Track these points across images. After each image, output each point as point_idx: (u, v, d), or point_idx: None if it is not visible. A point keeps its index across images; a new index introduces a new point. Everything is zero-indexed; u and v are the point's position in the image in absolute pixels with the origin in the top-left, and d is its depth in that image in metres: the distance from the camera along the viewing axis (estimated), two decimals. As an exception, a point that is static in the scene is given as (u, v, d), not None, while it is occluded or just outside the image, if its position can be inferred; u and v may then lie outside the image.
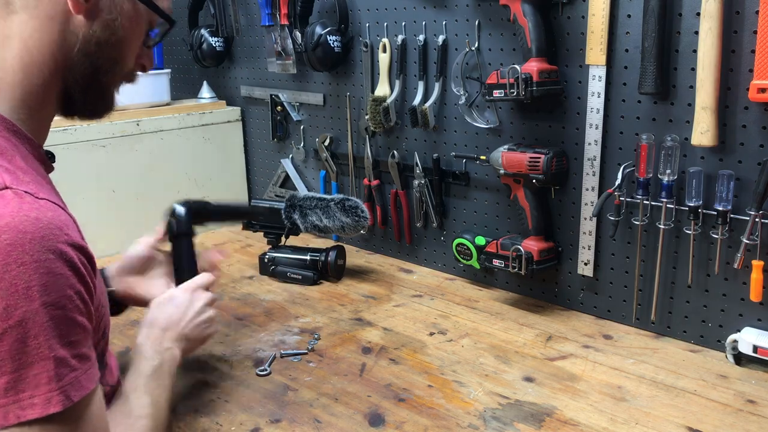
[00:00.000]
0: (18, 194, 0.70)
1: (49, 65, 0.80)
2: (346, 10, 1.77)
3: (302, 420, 1.10)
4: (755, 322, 1.25)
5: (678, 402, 1.14)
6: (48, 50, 0.79)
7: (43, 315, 0.68)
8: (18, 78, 0.78)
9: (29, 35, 0.78)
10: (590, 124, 1.38)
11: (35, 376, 0.68)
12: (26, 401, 0.68)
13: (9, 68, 0.78)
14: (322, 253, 1.72)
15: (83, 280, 0.73)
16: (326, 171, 2.00)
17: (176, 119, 2.07)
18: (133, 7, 0.84)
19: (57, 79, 0.82)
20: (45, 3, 0.78)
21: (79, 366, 0.72)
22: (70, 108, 0.87)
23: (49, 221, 0.70)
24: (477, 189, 1.64)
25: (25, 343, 0.67)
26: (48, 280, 0.68)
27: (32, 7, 0.77)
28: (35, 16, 0.78)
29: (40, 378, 0.68)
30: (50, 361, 0.69)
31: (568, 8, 1.37)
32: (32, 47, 0.78)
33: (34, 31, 0.78)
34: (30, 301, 0.67)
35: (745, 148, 1.20)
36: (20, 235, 0.67)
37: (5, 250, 0.66)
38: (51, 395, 0.69)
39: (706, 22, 1.16)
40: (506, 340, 1.37)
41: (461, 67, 1.56)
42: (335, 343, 1.37)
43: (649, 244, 1.35)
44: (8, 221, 0.67)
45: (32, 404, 0.68)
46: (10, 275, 0.66)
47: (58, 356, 0.69)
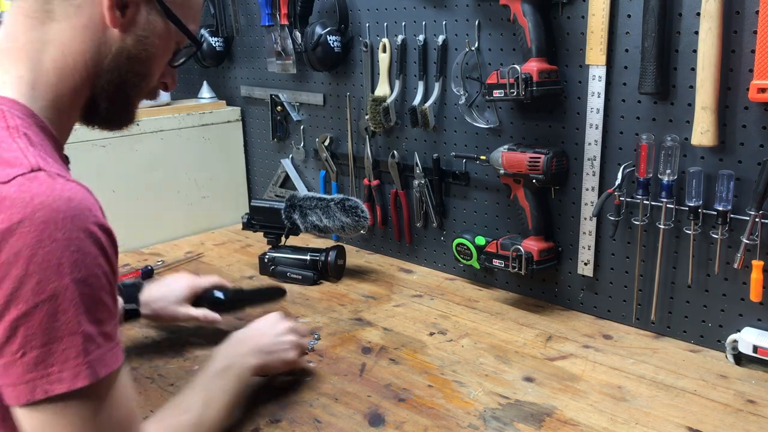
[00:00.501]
0: (51, 176, 0.72)
1: (81, 72, 0.84)
2: (346, 10, 1.77)
3: (302, 420, 1.10)
4: (755, 322, 1.25)
5: (678, 402, 1.14)
6: (81, 58, 0.83)
7: (73, 291, 0.70)
8: (52, 80, 0.82)
9: (66, 42, 0.82)
10: (590, 124, 1.38)
11: (64, 350, 0.70)
12: (54, 375, 0.70)
13: (45, 71, 0.82)
14: (322, 253, 1.72)
15: (109, 260, 0.76)
16: (326, 171, 2.00)
17: (176, 119, 2.07)
18: (165, 26, 0.88)
19: (86, 87, 0.86)
20: (84, 14, 0.82)
21: (104, 343, 0.74)
22: (92, 116, 0.90)
23: (80, 201, 0.72)
24: (477, 189, 1.64)
25: (55, 317, 0.69)
26: (78, 257, 0.71)
27: (71, 17, 0.82)
28: (73, 25, 0.82)
29: (69, 353, 0.70)
30: (78, 336, 0.71)
31: (568, 8, 1.37)
32: (68, 54, 0.82)
33: (71, 39, 0.82)
34: (61, 277, 0.69)
35: (745, 148, 1.20)
36: (53, 213, 0.69)
37: (39, 227, 0.68)
38: (79, 369, 0.71)
39: (706, 22, 1.16)
40: (506, 340, 1.37)
41: (461, 67, 1.56)
42: (335, 343, 1.37)
43: (649, 244, 1.35)
44: (43, 200, 0.69)
45: (60, 378, 0.70)
46: (43, 251, 0.68)
47: (86, 332, 0.72)
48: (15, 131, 0.75)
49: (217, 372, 1.03)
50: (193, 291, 1.34)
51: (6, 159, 0.72)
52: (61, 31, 0.82)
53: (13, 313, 0.69)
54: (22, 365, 0.70)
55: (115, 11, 0.82)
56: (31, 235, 0.68)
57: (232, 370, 1.05)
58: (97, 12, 0.82)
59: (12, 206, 0.69)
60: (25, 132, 0.76)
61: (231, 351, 1.09)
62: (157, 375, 1.25)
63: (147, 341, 1.38)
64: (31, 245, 0.68)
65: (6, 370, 0.71)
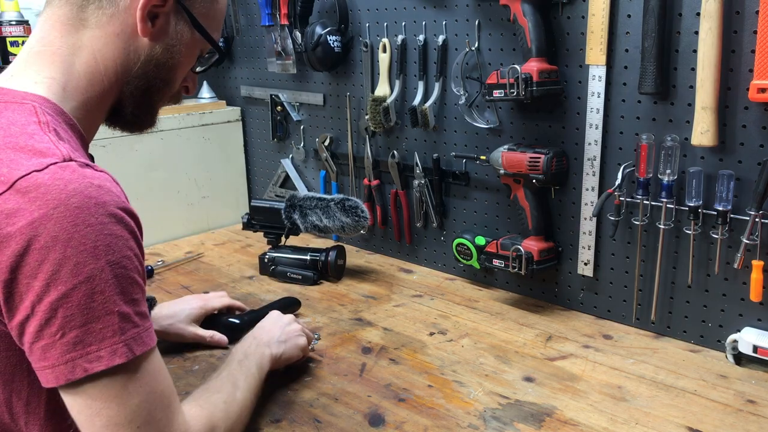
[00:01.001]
0: (81, 165, 0.76)
1: (110, 77, 0.88)
2: (346, 10, 1.77)
3: (302, 420, 1.10)
4: (755, 322, 1.25)
5: (678, 402, 1.14)
6: (112, 64, 0.88)
7: (108, 272, 0.73)
8: (83, 84, 0.87)
9: (98, 48, 0.87)
10: (590, 124, 1.38)
11: (101, 330, 0.73)
12: (93, 354, 0.73)
13: (76, 74, 0.86)
14: (322, 253, 1.72)
15: (138, 242, 0.79)
16: (326, 171, 2.00)
17: (176, 119, 2.07)
18: (192, 35, 0.92)
19: (114, 91, 0.90)
20: (116, 23, 0.86)
21: (140, 323, 0.77)
22: (116, 118, 0.95)
23: (109, 189, 0.76)
24: (477, 189, 1.64)
25: (92, 298, 0.72)
26: (111, 240, 0.74)
27: (104, 25, 0.86)
28: (106, 33, 0.86)
29: (106, 332, 0.73)
30: (115, 316, 0.74)
31: (568, 8, 1.37)
32: (99, 59, 0.87)
33: (104, 45, 0.87)
34: (96, 259, 0.72)
35: (745, 148, 1.20)
36: (86, 199, 0.73)
37: (74, 213, 0.71)
38: (116, 347, 0.74)
39: (706, 22, 1.16)
40: (506, 340, 1.37)
41: (461, 67, 1.56)
42: (335, 343, 1.37)
43: (649, 244, 1.35)
44: (75, 186, 0.73)
45: (99, 357, 0.73)
46: (79, 234, 0.71)
47: (122, 311, 0.74)
48: (46, 126, 0.78)
49: (239, 361, 1.08)
50: (204, 311, 1.38)
51: (39, 149, 0.75)
52: (94, 38, 0.86)
53: (53, 295, 0.71)
54: (62, 346, 0.72)
55: (146, 22, 0.86)
56: (67, 220, 0.71)
57: (251, 358, 1.10)
58: (129, 21, 0.86)
59: (47, 193, 0.71)
60: (54, 128, 0.79)
61: (246, 345, 1.14)
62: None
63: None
64: (67, 229, 0.71)
65: (45, 352, 0.73)
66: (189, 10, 0.90)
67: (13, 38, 1.90)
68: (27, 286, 0.71)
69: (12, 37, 1.90)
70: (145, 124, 0.98)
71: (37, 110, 0.80)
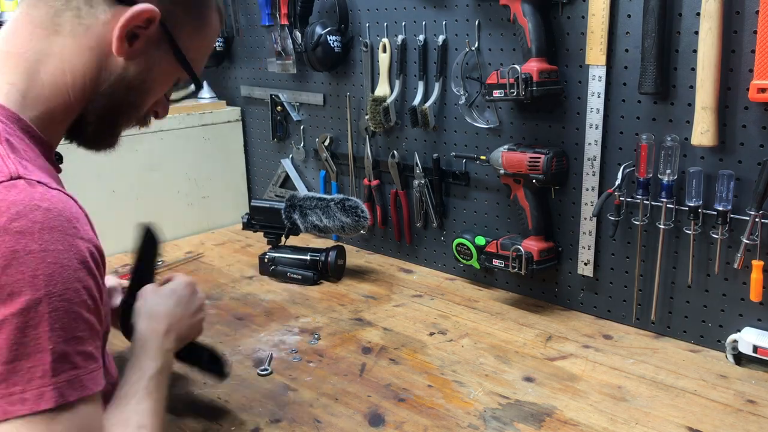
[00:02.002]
0: (31, 184, 0.70)
1: (76, 91, 0.82)
2: (346, 10, 1.77)
3: (302, 420, 1.10)
4: (755, 322, 1.25)
5: (678, 402, 1.14)
6: (80, 78, 0.82)
7: (46, 305, 0.66)
8: (45, 93, 0.81)
9: (68, 59, 0.81)
10: (590, 124, 1.38)
11: (29, 369, 0.66)
12: (16, 396, 0.66)
13: (39, 82, 0.80)
14: (322, 253, 1.72)
15: (93, 275, 0.72)
16: (326, 171, 2.00)
17: (176, 119, 2.07)
18: (170, 63, 0.86)
19: (78, 106, 0.84)
20: (92, 35, 0.80)
21: (82, 364, 0.70)
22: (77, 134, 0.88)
23: (60, 212, 0.70)
24: (477, 189, 1.64)
25: (24, 333, 0.66)
26: (55, 270, 0.67)
27: (79, 35, 0.80)
28: (79, 44, 0.80)
29: (35, 371, 0.66)
30: (47, 354, 0.66)
31: (568, 8, 1.37)
32: (67, 70, 0.81)
33: (74, 56, 0.81)
34: (35, 290, 0.66)
35: (745, 148, 1.20)
36: (30, 224, 0.67)
37: (15, 238, 0.66)
38: (43, 390, 0.66)
39: (706, 22, 1.16)
40: (506, 340, 1.37)
41: (461, 67, 1.56)
42: (335, 343, 1.37)
43: (649, 244, 1.35)
44: (20, 209, 0.67)
45: (23, 399, 0.66)
46: (17, 262, 0.65)
47: (57, 350, 0.67)
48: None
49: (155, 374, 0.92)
50: None
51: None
52: (65, 47, 0.81)
53: None
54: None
55: (123, 41, 0.81)
56: (5, 245, 0.65)
57: (164, 371, 0.94)
58: (106, 37, 0.81)
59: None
60: (7, 138, 0.74)
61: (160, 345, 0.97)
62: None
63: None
64: (4, 256, 0.65)
65: None
66: (174, 39, 0.85)
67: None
68: None
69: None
70: (104, 143, 0.91)
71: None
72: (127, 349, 0.98)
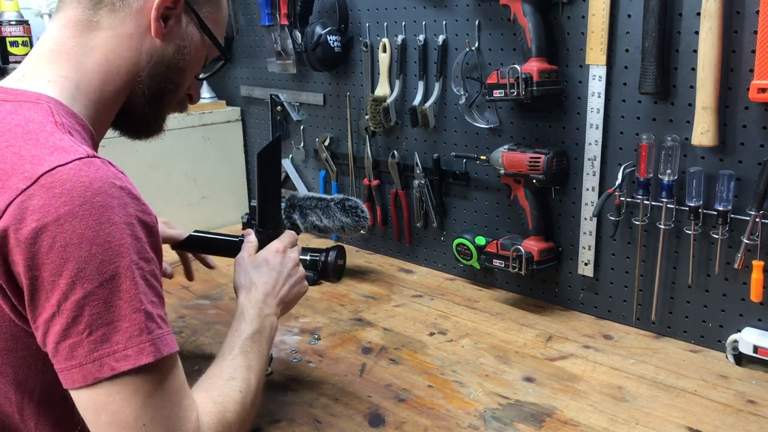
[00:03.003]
0: (105, 163, 0.76)
1: (123, 77, 0.89)
2: (346, 10, 1.77)
3: (302, 420, 1.10)
4: (755, 322, 1.25)
5: (678, 402, 1.13)
6: (125, 64, 0.88)
7: (133, 270, 0.73)
8: (95, 83, 0.87)
9: (111, 49, 0.87)
10: (590, 124, 1.38)
11: (128, 328, 0.72)
12: (120, 353, 0.72)
13: (89, 73, 0.87)
14: (322, 253, 1.71)
15: (156, 246, 0.79)
16: (326, 171, 2.00)
17: (176, 119, 2.07)
18: (201, 38, 0.93)
19: (126, 91, 0.90)
20: (129, 24, 0.87)
21: (164, 325, 0.76)
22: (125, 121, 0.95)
23: (130, 191, 0.76)
24: (477, 189, 1.64)
25: (119, 296, 0.72)
26: (134, 242, 0.74)
27: (117, 26, 0.87)
28: (119, 34, 0.87)
29: (133, 330, 0.72)
30: (141, 314, 0.73)
31: (568, 8, 1.37)
32: (111, 59, 0.87)
33: (116, 46, 0.87)
34: (122, 257, 0.72)
35: (746, 148, 1.20)
36: (111, 199, 0.72)
37: (99, 211, 0.71)
38: (143, 346, 0.73)
39: (706, 22, 1.16)
40: (506, 341, 1.37)
41: (461, 67, 1.56)
42: (335, 343, 1.37)
43: (649, 244, 1.35)
44: (100, 186, 0.72)
45: (126, 356, 0.72)
46: (104, 232, 0.71)
47: (147, 310, 0.74)
48: (62, 127, 0.78)
49: (252, 335, 0.99)
50: None
51: (62, 146, 0.74)
52: (106, 39, 0.86)
53: (78, 293, 0.70)
54: (89, 344, 0.71)
55: (159, 22, 0.87)
56: (92, 217, 0.71)
57: (264, 332, 1.01)
58: (142, 23, 0.87)
59: (73, 189, 0.71)
60: (69, 130, 0.79)
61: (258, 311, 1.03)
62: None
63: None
64: (93, 227, 0.71)
65: (72, 351, 0.72)
66: (198, 13, 0.91)
67: (12, 38, 1.90)
68: (52, 284, 0.70)
69: (12, 37, 1.90)
70: (152, 129, 0.98)
71: (53, 111, 0.80)
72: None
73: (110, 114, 0.91)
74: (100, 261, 0.71)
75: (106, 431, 0.73)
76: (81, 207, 0.70)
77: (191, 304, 1.57)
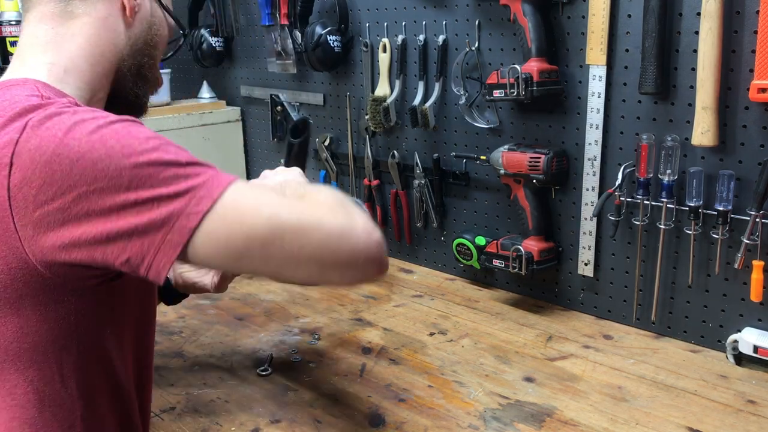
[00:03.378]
0: None
1: (108, 58, 0.91)
2: (346, 10, 1.77)
3: (302, 420, 1.10)
4: (755, 323, 1.25)
5: (678, 402, 1.13)
6: (107, 46, 0.91)
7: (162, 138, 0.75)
8: (83, 66, 0.89)
9: (91, 33, 0.90)
10: (590, 124, 1.38)
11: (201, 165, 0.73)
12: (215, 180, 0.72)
13: (73, 58, 0.89)
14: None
15: None
16: (326, 171, 2.00)
17: (176, 119, 2.07)
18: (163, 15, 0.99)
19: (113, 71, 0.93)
20: (102, 8, 0.90)
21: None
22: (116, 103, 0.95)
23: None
24: (477, 189, 1.64)
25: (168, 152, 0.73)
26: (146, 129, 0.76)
27: (91, 12, 0.90)
28: (95, 19, 0.90)
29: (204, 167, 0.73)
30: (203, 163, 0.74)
31: (568, 8, 1.37)
32: (93, 43, 0.90)
33: (94, 30, 0.90)
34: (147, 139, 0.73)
35: (746, 148, 1.20)
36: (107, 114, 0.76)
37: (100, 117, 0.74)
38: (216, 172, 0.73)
39: (706, 22, 1.16)
40: (506, 341, 1.37)
41: (461, 67, 1.56)
42: (335, 343, 1.37)
43: (649, 244, 1.35)
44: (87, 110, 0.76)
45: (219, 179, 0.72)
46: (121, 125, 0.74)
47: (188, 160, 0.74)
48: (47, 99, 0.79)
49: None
50: None
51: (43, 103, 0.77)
52: (84, 25, 0.89)
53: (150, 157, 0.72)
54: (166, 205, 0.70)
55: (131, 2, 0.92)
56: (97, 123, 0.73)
57: None
58: (115, 4, 0.91)
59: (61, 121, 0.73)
60: None
61: None
62: (157, 375, 1.24)
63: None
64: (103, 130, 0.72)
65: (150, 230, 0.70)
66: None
67: (13, 38, 1.90)
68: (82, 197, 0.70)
69: (12, 37, 1.90)
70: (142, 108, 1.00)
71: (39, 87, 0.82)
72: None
73: (103, 95, 0.93)
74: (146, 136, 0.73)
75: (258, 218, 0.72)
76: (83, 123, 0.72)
77: (191, 304, 1.57)
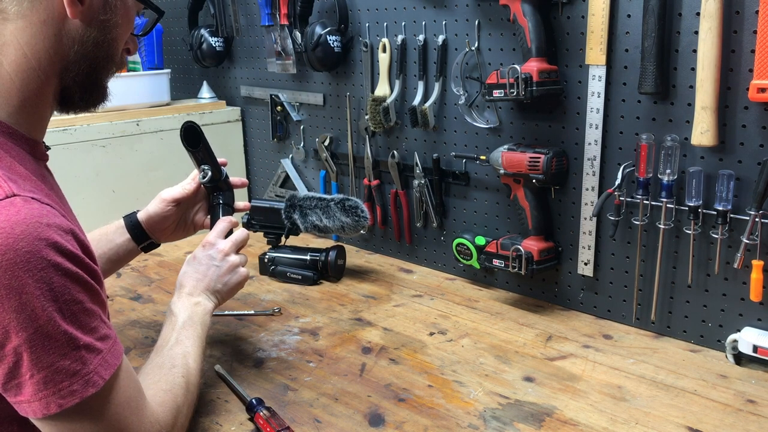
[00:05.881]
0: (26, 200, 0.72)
1: (45, 69, 0.81)
2: (346, 10, 1.77)
3: (302, 420, 1.10)
4: (755, 322, 1.25)
5: (678, 402, 1.14)
6: (45, 54, 0.80)
7: (66, 312, 0.73)
8: (16, 84, 0.79)
9: (26, 41, 0.78)
10: (590, 123, 1.38)
11: (69, 365, 0.74)
12: (66, 390, 0.74)
13: (6, 74, 0.79)
14: (322, 253, 1.72)
15: (81, 262, 0.76)
16: (326, 171, 2.00)
17: (176, 119, 2.07)
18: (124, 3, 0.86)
19: (55, 80, 0.83)
20: (39, 9, 0.78)
21: (103, 347, 0.78)
22: (67, 104, 0.89)
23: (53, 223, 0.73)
24: (477, 189, 1.64)
25: (55, 338, 0.72)
26: (64, 282, 0.73)
27: (27, 14, 0.78)
28: (30, 23, 0.78)
29: (75, 366, 0.74)
30: (81, 350, 0.74)
31: (568, 8, 1.37)
32: (29, 53, 0.79)
33: (30, 37, 0.78)
34: (55, 301, 0.72)
35: (745, 148, 1.20)
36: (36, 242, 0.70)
37: (25, 258, 0.69)
38: (87, 378, 0.75)
39: (706, 22, 1.16)
40: (506, 340, 1.37)
41: (461, 67, 1.56)
42: (335, 343, 1.37)
43: (649, 244, 1.35)
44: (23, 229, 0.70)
45: (72, 391, 0.74)
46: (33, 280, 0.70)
47: (85, 343, 0.75)
48: None
49: (183, 325, 1.08)
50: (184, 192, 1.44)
51: None
52: (18, 30, 0.78)
53: (14, 341, 0.71)
54: (33, 385, 0.73)
55: (75, 3, 0.79)
56: (19, 267, 0.69)
57: (194, 317, 1.10)
58: (55, 5, 0.78)
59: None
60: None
61: (186, 303, 1.13)
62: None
63: (147, 341, 1.39)
64: (20, 277, 0.69)
65: (19, 389, 0.73)
66: None
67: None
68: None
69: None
70: (97, 101, 0.91)
71: None
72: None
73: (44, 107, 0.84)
74: (32, 309, 0.70)
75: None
76: (3, 257, 0.68)
77: (191, 304, 1.57)
